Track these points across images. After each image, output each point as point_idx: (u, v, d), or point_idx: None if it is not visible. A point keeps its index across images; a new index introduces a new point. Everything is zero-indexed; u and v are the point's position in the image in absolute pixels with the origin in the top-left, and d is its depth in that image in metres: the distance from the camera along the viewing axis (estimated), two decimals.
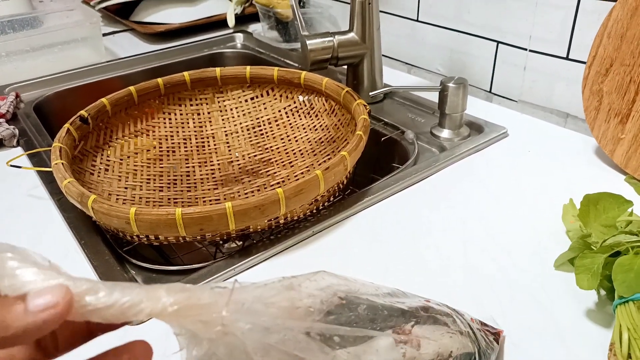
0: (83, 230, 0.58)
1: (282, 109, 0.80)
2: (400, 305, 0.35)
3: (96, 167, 0.67)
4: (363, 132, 0.60)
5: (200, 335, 0.26)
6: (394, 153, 0.78)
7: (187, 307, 0.25)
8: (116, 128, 0.72)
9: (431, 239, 0.55)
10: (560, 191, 0.61)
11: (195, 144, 0.78)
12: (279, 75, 0.78)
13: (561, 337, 0.43)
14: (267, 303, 0.28)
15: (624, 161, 0.64)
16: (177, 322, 0.26)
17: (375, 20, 0.82)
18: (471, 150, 0.71)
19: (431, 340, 0.34)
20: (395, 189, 0.63)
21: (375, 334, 0.32)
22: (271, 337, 0.26)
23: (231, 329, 0.25)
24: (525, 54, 0.81)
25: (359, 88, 0.86)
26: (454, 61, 0.93)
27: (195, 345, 0.27)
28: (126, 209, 0.49)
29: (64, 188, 0.54)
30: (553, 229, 0.55)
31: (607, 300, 0.46)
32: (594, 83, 0.65)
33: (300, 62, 1.06)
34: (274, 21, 1.15)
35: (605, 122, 0.65)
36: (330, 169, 0.55)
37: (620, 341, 0.39)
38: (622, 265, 0.42)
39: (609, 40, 0.62)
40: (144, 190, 0.69)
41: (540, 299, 0.47)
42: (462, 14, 0.88)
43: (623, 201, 0.49)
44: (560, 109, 0.79)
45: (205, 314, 0.25)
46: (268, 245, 0.54)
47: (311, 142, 0.76)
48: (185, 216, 0.48)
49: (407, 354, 0.32)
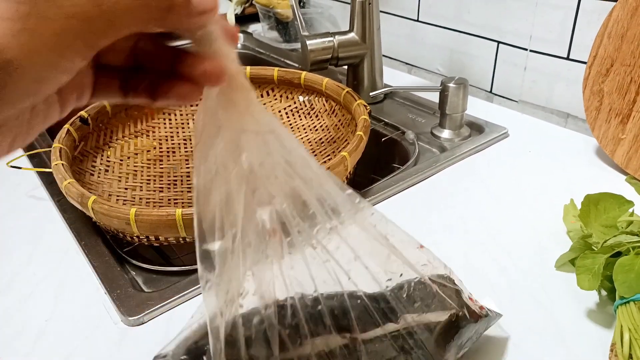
0: (83, 231, 0.58)
1: (282, 109, 0.80)
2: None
3: (96, 167, 0.67)
4: (363, 133, 0.60)
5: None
6: (394, 153, 0.78)
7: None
8: (116, 129, 0.72)
9: (432, 239, 0.55)
10: (560, 191, 0.61)
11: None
12: (279, 75, 0.78)
13: (562, 338, 0.43)
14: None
15: (625, 161, 0.64)
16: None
17: (375, 21, 0.82)
18: (472, 150, 0.71)
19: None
20: (396, 190, 0.63)
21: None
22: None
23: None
24: (525, 54, 0.81)
25: (359, 88, 0.86)
26: (454, 61, 0.93)
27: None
28: (126, 210, 0.49)
29: (64, 189, 0.54)
30: (554, 229, 0.55)
31: (608, 300, 0.46)
32: (594, 83, 0.65)
33: (301, 62, 1.05)
34: (274, 21, 1.15)
35: (606, 122, 0.65)
36: (331, 169, 0.54)
37: (621, 342, 0.38)
38: (622, 265, 0.42)
39: (610, 41, 0.62)
40: (144, 191, 0.69)
41: (541, 300, 0.47)
42: (462, 14, 0.88)
43: (624, 201, 0.49)
44: (561, 109, 0.79)
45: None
46: None
47: (311, 143, 0.76)
48: (185, 217, 0.48)
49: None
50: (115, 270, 0.52)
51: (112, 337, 0.44)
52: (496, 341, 0.43)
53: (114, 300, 0.48)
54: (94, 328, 0.45)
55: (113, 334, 0.45)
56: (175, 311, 0.47)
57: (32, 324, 0.46)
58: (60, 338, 0.44)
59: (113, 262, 0.53)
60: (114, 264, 0.53)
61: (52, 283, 0.50)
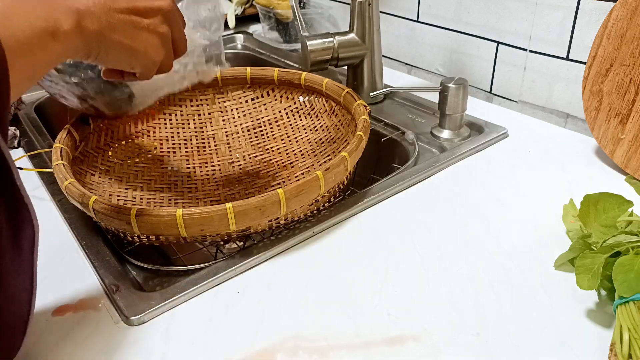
0: (84, 231, 0.58)
1: (282, 109, 0.80)
2: None
3: (97, 168, 0.67)
4: (363, 133, 0.61)
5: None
6: (394, 154, 0.78)
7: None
8: (117, 129, 0.72)
9: (431, 239, 0.55)
10: (560, 191, 0.61)
11: (196, 144, 0.78)
12: (279, 76, 0.78)
13: (561, 338, 0.43)
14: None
15: (624, 161, 0.64)
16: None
17: (375, 21, 0.82)
18: (471, 150, 0.71)
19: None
20: (396, 190, 0.63)
21: None
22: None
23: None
24: (525, 55, 0.81)
25: (359, 89, 0.87)
26: (454, 61, 0.93)
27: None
28: (127, 210, 0.49)
29: (65, 189, 0.54)
30: (553, 229, 0.55)
31: (608, 300, 0.46)
32: (594, 83, 0.65)
33: (301, 62, 1.06)
34: (274, 22, 1.15)
35: (606, 122, 0.65)
36: (331, 169, 0.55)
37: (620, 341, 0.39)
38: (622, 265, 0.42)
39: (609, 41, 0.62)
40: (145, 191, 0.69)
41: (541, 299, 0.47)
42: (462, 15, 0.88)
43: (623, 201, 0.49)
44: (561, 109, 0.79)
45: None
46: (269, 246, 0.54)
47: (311, 143, 0.76)
48: (186, 217, 0.48)
49: None
50: (115, 270, 0.52)
51: (112, 337, 0.45)
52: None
53: (114, 300, 0.48)
54: (94, 328, 0.45)
55: (114, 334, 0.45)
56: (176, 311, 0.47)
57: (33, 324, 0.46)
58: (60, 338, 0.44)
59: (114, 262, 0.53)
60: (115, 264, 0.53)
61: (53, 283, 0.51)
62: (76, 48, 0.39)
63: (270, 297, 0.48)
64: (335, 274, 0.51)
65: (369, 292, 0.48)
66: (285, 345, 0.43)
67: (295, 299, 0.48)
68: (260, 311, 0.47)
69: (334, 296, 0.48)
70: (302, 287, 0.49)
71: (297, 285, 0.50)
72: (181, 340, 0.44)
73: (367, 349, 0.42)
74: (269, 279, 0.51)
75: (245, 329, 0.45)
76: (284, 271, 0.52)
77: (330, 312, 0.46)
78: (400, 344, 0.43)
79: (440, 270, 0.51)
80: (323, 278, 0.50)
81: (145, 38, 0.43)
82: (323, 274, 0.51)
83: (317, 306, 0.47)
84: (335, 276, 0.51)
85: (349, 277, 0.50)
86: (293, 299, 0.48)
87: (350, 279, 0.50)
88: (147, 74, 0.46)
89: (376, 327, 0.45)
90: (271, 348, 0.43)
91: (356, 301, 0.47)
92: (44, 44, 0.36)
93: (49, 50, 0.36)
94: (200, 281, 0.50)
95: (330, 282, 0.50)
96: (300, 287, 0.49)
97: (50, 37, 0.36)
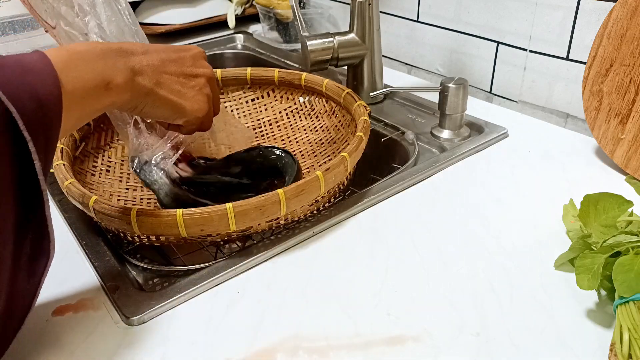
0: (84, 231, 0.58)
1: (282, 110, 0.80)
2: None
3: (97, 168, 0.67)
4: (363, 133, 0.61)
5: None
6: (394, 154, 0.78)
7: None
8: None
9: (431, 239, 0.55)
10: (560, 191, 0.61)
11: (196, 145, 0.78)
12: (279, 76, 0.78)
13: (561, 338, 0.43)
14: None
15: (624, 161, 0.64)
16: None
17: (375, 21, 0.82)
18: (471, 150, 0.71)
19: None
20: (396, 190, 0.63)
21: None
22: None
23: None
24: (525, 55, 0.81)
25: (359, 89, 0.87)
26: (453, 61, 0.93)
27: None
28: (127, 210, 0.49)
29: (65, 189, 0.54)
30: (553, 229, 0.55)
31: (608, 300, 0.46)
32: (594, 83, 0.65)
33: (301, 62, 1.06)
34: (274, 22, 1.15)
35: (606, 122, 0.65)
36: (331, 170, 0.55)
37: (620, 341, 0.39)
38: (622, 265, 0.42)
39: (609, 41, 0.62)
40: (145, 191, 0.69)
41: (541, 299, 0.47)
42: (462, 15, 0.88)
43: (623, 201, 0.49)
44: (561, 109, 0.79)
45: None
46: (269, 246, 0.54)
47: (312, 143, 0.76)
48: (186, 217, 0.48)
49: None
50: (115, 270, 0.52)
51: (113, 337, 0.45)
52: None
53: (114, 300, 0.48)
54: (94, 328, 0.45)
55: (114, 334, 0.45)
56: (176, 311, 0.47)
57: (33, 324, 0.46)
58: (61, 338, 0.44)
59: (114, 262, 0.53)
60: (115, 264, 0.53)
61: (53, 283, 0.51)
62: (125, 101, 0.44)
63: (270, 297, 0.48)
64: (335, 274, 0.51)
65: (369, 292, 0.48)
66: (285, 345, 0.43)
67: (295, 299, 0.48)
68: (260, 311, 0.47)
69: (334, 296, 0.48)
70: (302, 287, 0.49)
71: (297, 285, 0.50)
72: (181, 340, 0.44)
73: (367, 349, 0.43)
74: (269, 279, 0.51)
75: (245, 329, 0.45)
76: (284, 271, 0.52)
77: (330, 312, 0.46)
78: (400, 344, 0.43)
79: (440, 270, 0.51)
80: (323, 278, 0.50)
81: (192, 96, 0.51)
82: (323, 273, 0.51)
83: (317, 306, 0.47)
84: (335, 276, 0.51)
85: (349, 277, 0.50)
86: (293, 299, 0.48)
87: (350, 279, 0.50)
88: (190, 127, 0.54)
89: (376, 327, 0.45)
90: (271, 348, 0.43)
91: (356, 301, 0.47)
92: (98, 94, 0.41)
93: (100, 100, 0.42)
94: (200, 281, 0.50)
95: (330, 282, 0.50)
96: (300, 287, 0.49)
97: (104, 89, 0.41)
